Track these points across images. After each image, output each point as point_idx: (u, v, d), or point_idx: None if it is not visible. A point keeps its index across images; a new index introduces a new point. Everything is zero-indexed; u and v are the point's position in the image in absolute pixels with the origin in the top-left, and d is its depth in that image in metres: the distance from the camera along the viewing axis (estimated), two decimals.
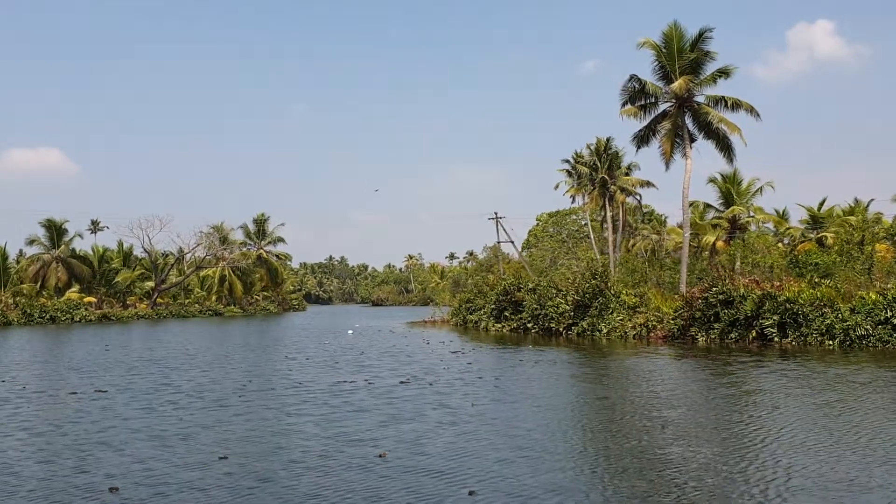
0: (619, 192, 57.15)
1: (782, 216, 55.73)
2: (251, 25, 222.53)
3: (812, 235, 51.22)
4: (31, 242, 67.97)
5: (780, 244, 52.91)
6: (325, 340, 36.00)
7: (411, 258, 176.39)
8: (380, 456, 9.95)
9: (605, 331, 33.39)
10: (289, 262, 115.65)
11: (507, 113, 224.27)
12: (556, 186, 72.30)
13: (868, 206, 57.14)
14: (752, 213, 50.26)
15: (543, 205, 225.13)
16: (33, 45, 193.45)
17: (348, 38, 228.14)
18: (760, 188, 49.78)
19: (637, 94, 39.73)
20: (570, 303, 35.20)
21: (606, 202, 56.74)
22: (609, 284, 34.51)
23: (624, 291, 34.47)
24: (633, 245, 72.04)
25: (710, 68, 38.15)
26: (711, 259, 49.89)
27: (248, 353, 28.63)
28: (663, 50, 38.04)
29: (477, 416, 13.24)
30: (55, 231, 68.85)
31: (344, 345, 32.75)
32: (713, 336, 28.95)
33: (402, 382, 17.73)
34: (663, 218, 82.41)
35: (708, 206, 51.88)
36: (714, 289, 29.17)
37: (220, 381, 18.99)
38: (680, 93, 37.58)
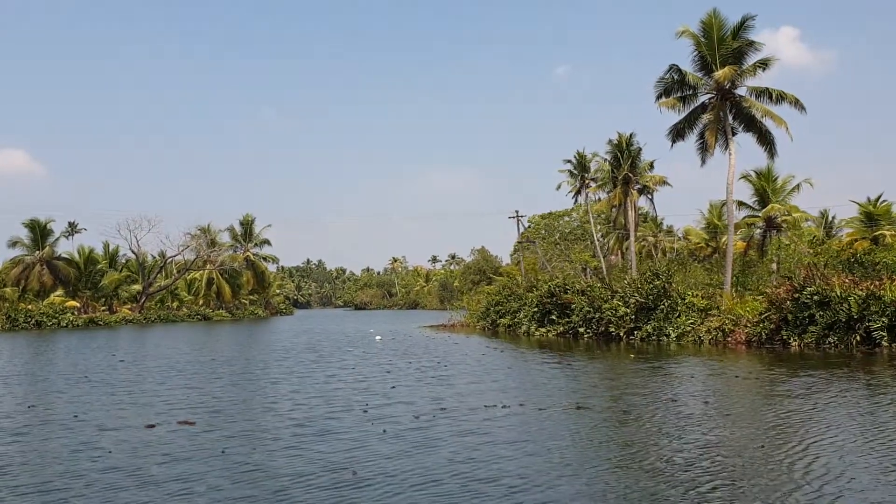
0: (633, 191, 54.81)
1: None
2: (222, 26, 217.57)
3: (848, 234, 49.33)
4: (13, 244, 62.77)
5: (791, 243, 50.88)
6: (349, 348, 32.68)
7: (395, 261, 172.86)
8: None
9: (673, 335, 30.71)
10: (275, 265, 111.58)
11: (480, 116, 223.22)
12: (559, 187, 69.88)
13: (878, 201, 55.74)
14: (788, 212, 48.08)
15: (518, 206, 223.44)
16: None
17: (322, 40, 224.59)
18: (798, 185, 47.68)
19: (675, 86, 37.47)
20: (631, 305, 32.43)
21: (628, 201, 54.29)
22: (674, 285, 31.89)
23: (690, 293, 31.86)
24: (628, 248, 70.06)
25: (752, 58, 36.00)
26: (743, 258, 47.80)
27: (284, 362, 25.46)
28: (702, 39, 35.79)
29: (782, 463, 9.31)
30: (39, 232, 63.89)
31: (397, 352, 29.44)
32: (807, 340, 26.40)
33: (578, 408, 13.66)
34: (660, 219, 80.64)
35: (742, 203, 49.55)
36: (808, 289, 26.63)
37: (298, 400, 15.68)
38: (723, 82, 35.32)
